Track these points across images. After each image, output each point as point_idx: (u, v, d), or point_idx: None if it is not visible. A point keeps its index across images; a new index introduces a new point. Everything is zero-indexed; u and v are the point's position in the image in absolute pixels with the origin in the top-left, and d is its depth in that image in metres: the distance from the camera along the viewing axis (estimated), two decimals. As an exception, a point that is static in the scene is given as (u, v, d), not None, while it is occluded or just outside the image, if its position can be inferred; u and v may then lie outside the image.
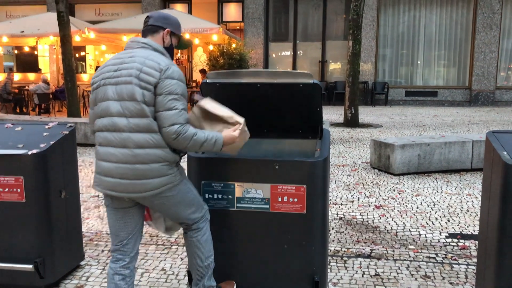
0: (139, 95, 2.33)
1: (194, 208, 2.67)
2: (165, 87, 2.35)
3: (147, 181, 2.39)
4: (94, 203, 5.30)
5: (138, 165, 2.36)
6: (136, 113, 2.34)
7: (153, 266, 3.64)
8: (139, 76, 2.35)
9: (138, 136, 2.35)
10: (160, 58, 2.41)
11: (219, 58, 13.02)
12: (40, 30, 13.00)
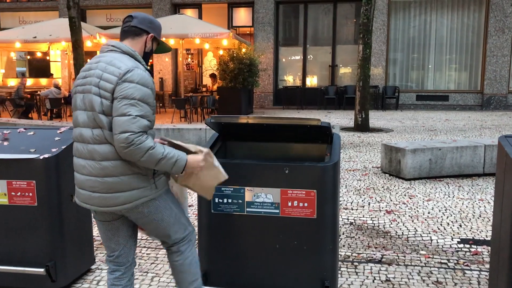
0: (97, 105, 2.18)
1: (175, 227, 2.47)
2: (120, 91, 2.15)
3: (117, 195, 2.23)
4: (105, 207, 5.33)
5: (107, 178, 2.21)
6: (98, 124, 2.20)
7: (163, 271, 3.64)
8: (98, 84, 2.19)
9: (102, 148, 2.20)
10: (124, 61, 2.21)
11: (229, 62, 13.06)
12: (52, 35, 13.14)
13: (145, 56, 2.43)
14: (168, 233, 2.48)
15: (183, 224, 2.55)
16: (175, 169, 2.26)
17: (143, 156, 2.15)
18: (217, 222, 2.96)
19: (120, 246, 2.45)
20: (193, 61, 18.37)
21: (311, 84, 17.50)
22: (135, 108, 2.13)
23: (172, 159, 2.23)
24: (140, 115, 2.14)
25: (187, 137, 8.86)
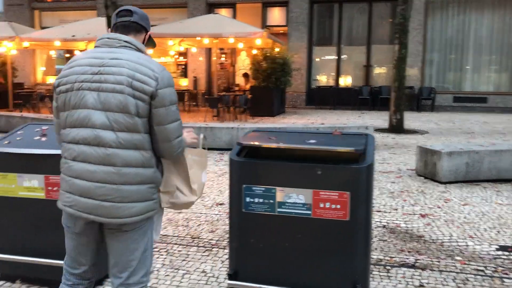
0: (133, 107, 2.01)
1: (145, 264, 2.19)
2: (165, 98, 2.07)
3: (132, 205, 2.06)
4: (137, 204, 5.41)
5: (124, 186, 2.03)
6: (127, 127, 2.02)
7: (194, 268, 3.66)
8: (132, 84, 2.01)
9: (128, 153, 2.03)
10: (152, 63, 2.10)
11: (262, 62, 13.06)
12: (90, 34, 13.45)
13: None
14: (130, 266, 2.15)
15: (148, 266, 2.23)
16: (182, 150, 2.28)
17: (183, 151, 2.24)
18: (248, 221, 2.95)
19: (89, 261, 2.25)
20: (227, 61, 18.47)
21: (344, 84, 17.32)
22: (178, 111, 2.17)
23: (183, 141, 2.27)
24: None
25: (219, 136, 8.90)
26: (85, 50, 17.24)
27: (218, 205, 5.39)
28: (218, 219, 4.87)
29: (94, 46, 2.18)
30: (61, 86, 2.10)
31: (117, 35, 2.15)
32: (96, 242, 2.20)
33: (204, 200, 5.56)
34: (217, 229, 4.58)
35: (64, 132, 2.11)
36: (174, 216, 4.97)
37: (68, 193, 2.09)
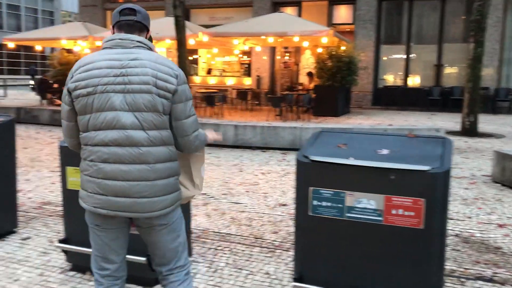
0: (160, 106, 2.08)
1: (185, 248, 2.35)
2: (183, 94, 2.16)
3: (165, 198, 2.16)
4: (202, 201, 5.46)
5: (158, 181, 2.12)
6: (156, 125, 2.09)
7: (257, 269, 3.62)
8: (156, 84, 2.08)
9: (158, 150, 2.11)
10: (168, 61, 2.18)
11: (328, 60, 12.84)
12: (158, 33, 13.82)
13: None
14: (177, 252, 2.30)
15: (185, 252, 2.36)
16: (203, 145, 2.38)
17: (201, 144, 2.33)
18: (315, 225, 2.86)
19: (120, 256, 2.30)
20: (290, 59, 18.36)
21: (413, 84, 16.69)
22: (193, 107, 2.25)
23: (203, 136, 2.36)
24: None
25: (282, 135, 8.84)
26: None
27: (281, 205, 5.32)
28: (281, 220, 4.80)
29: (102, 47, 2.18)
30: (80, 90, 2.10)
31: (128, 36, 2.16)
32: (125, 238, 2.29)
33: (267, 200, 5.51)
34: (280, 230, 4.51)
35: (88, 135, 2.12)
36: (237, 215, 4.96)
37: (99, 194, 2.11)
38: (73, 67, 2.18)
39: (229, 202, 5.45)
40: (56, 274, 3.50)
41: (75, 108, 2.13)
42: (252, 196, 5.71)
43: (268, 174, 6.88)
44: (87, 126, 2.11)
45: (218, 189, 6.02)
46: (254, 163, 7.75)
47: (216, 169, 7.24)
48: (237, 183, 6.34)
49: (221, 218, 4.86)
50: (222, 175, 6.79)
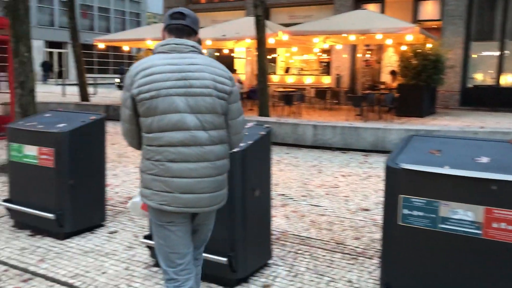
0: (219, 107, 2.25)
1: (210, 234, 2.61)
2: (236, 94, 2.33)
3: (223, 192, 2.35)
4: (281, 202, 5.40)
5: (218, 177, 2.29)
6: (215, 126, 2.25)
7: (339, 276, 3.49)
8: (216, 87, 2.23)
9: (218, 148, 2.27)
10: (220, 64, 2.33)
11: (412, 58, 12.28)
12: (239, 33, 13.99)
13: None
14: (207, 237, 2.58)
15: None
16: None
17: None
18: (404, 235, 2.69)
19: (190, 249, 2.39)
20: (372, 57, 17.81)
21: (506, 83, 15.52)
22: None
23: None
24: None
25: (363, 136, 8.57)
26: (232, 49, 18.11)
27: (363, 210, 5.13)
28: (364, 226, 4.63)
29: (157, 52, 2.27)
30: (143, 94, 2.18)
31: (183, 41, 2.28)
32: (190, 231, 2.40)
33: (348, 204, 5.34)
34: (363, 236, 4.34)
35: (152, 136, 2.20)
36: (317, 218, 4.85)
37: (166, 192, 2.21)
38: (131, 72, 2.24)
39: (308, 204, 5.35)
40: (140, 269, 3.60)
41: (139, 111, 2.22)
42: (332, 199, 5.56)
43: (349, 177, 6.68)
44: (151, 127, 2.20)
45: (297, 190, 5.93)
46: (334, 164, 7.57)
47: (294, 169, 7.16)
48: (316, 185, 6.22)
49: (301, 220, 4.77)
50: (301, 176, 6.69)
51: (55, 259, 3.76)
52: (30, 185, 4.28)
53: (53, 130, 4.10)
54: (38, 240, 4.18)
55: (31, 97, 6.67)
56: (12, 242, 4.12)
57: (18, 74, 6.57)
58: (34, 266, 3.63)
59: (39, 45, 35.05)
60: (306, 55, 19.13)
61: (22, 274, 3.48)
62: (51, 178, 4.13)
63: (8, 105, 10.23)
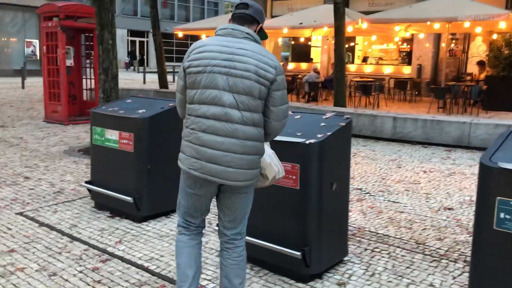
0: (257, 91, 2.37)
1: (246, 219, 2.65)
2: (281, 83, 2.43)
3: (249, 171, 2.44)
4: (357, 196, 5.20)
5: (245, 156, 2.40)
6: (250, 108, 2.38)
7: (420, 279, 3.27)
8: (257, 72, 2.36)
9: (249, 129, 2.39)
10: (269, 54, 2.45)
11: (504, 48, 11.39)
12: (316, 21, 13.70)
13: None
14: (243, 218, 2.62)
15: (244, 222, 2.66)
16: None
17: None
18: (500, 241, 2.44)
19: (203, 216, 2.67)
20: (458, 47, 16.78)
21: None
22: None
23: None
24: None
25: (447, 131, 8.07)
26: (309, 37, 17.80)
27: (446, 209, 4.80)
28: (446, 226, 4.32)
29: (216, 34, 2.51)
30: (192, 68, 2.43)
31: (240, 27, 2.47)
32: (210, 199, 2.59)
33: (430, 202, 5.03)
34: (446, 237, 4.05)
35: (193, 107, 2.44)
36: (395, 215, 4.60)
37: (195, 158, 2.42)
38: (190, 48, 2.51)
39: (386, 200, 5.09)
40: (213, 256, 3.59)
41: (187, 82, 2.47)
42: (412, 195, 5.26)
43: (431, 173, 6.30)
44: (193, 99, 2.44)
45: (374, 185, 5.68)
46: (414, 159, 7.18)
47: (372, 163, 6.88)
48: (395, 180, 5.93)
49: (378, 217, 4.55)
50: (378, 171, 6.41)
51: (132, 242, 3.84)
52: (110, 168, 4.41)
53: (133, 115, 4.19)
54: (116, 221, 4.31)
55: (114, 83, 6.91)
56: (93, 223, 4.28)
57: (102, 60, 6.83)
58: (112, 247, 3.74)
59: (123, 34, 36.68)
60: (385, 44, 18.42)
61: (101, 255, 3.59)
62: (130, 162, 4.22)
63: (93, 90, 10.77)
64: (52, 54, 10.23)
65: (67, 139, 8.35)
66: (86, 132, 9.07)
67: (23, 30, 27.10)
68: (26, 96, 15.87)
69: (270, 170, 2.60)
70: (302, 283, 3.18)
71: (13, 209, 4.60)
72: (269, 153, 2.64)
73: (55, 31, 9.93)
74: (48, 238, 3.89)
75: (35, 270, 3.31)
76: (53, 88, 10.37)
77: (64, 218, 4.38)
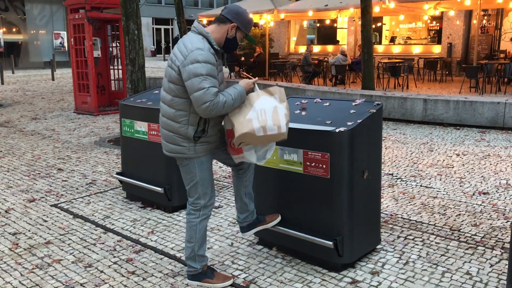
0: (169, 76, 2.76)
1: (191, 190, 2.90)
2: (188, 71, 2.62)
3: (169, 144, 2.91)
4: (388, 182, 5.11)
5: (164, 131, 2.88)
6: (168, 90, 2.79)
7: (456, 267, 3.19)
8: (171, 58, 2.74)
9: (167, 109, 2.82)
10: (193, 42, 2.66)
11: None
12: (342, 3, 13.45)
13: (228, 42, 2.80)
14: (188, 190, 2.93)
15: (198, 193, 2.90)
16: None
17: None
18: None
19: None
20: (490, 23, 16.22)
21: None
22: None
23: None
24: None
25: (480, 111, 7.83)
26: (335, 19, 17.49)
27: (482, 194, 4.67)
28: (482, 211, 4.21)
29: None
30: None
31: (194, 24, 2.81)
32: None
33: (464, 187, 4.90)
34: (481, 223, 3.95)
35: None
36: (428, 201, 4.51)
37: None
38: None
39: (418, 185, 4.99)
40: (244, 246, 3.60)
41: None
42: (445, 180, 5.14)
43: (464, 156, 6.14)
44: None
45: (406, 170, 5.58)
46: (447, 142, 7.01)
47: (403, 147, 6.75)
48: (427, 164, 5.80)
49: (410, 203, 4.47)
50: (410, 155, 6.29)
51: (164, 232, 3.89)
52: (141, 159, 4.45)
53: (161, 106, 4.20)
54: (148, 212, 4.36)
55: (141, 73, 6.95)
56: (125, 213, 4.34)
57: (129, 51, 6.87)
58: (144, 238, 3.79)
59: (148, 23, 36.88)
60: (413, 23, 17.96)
61: (134, 246, 3.64)
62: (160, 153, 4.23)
63: (121, 80, 10.88)
64: (80, 46, 10.36)
65: (97, 130, 8.49)
66: (115, 123, 9.19)
67: (51, 22, 27.56)
68: (56, 87, 16.19)
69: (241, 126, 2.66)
70: (335, 272, 3.15)
71: (48, 201, 4.71)
72: (258, 108, 2.70)
73: (82, 22, 10.04)
74: (83, 230, 3.97)
75: (71, 261, 3.38)
76: (82, 79, 10.53)
77: (97, 209, 4.46)
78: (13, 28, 26.70)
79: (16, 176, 5.60)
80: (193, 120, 2.75)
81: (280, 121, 2.70)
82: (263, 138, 2.71)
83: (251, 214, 3.21)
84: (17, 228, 4.03)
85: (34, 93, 14.42)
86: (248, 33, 2.88)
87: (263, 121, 2.67)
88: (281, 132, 2.71)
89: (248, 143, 2.77)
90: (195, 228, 2.92)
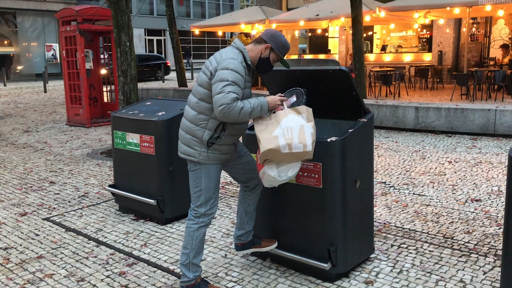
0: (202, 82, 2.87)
1: (194, 196, 2.97)
2: (219, 76, 2.72)
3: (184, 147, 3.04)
4: (381, 190, 5.12)
5: (183, 133, 3.01)
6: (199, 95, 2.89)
7: (449, 275, 3.20)
8: (205, 64, 2.89)
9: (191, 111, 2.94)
10: (228, 53, 2.81)
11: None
12: (333, 12, 13.54)
13: (261, 61, 2.90)
14: (193, 197, 2.99)
15: (200, 201, 2.96)
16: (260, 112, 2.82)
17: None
18: (532, 236, 2.35)
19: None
20: (479, 31, 16.40)
21: None
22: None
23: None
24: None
25: (471, 119, 7.89)
26: (326, 28, 17.61)
27: (474, 201, 4.69)
28: (475, 219, 4.22)
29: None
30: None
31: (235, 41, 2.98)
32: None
33: (456, 194, 4.92)
34: (474, 230, 3.96)
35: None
36: (421, 208, 4.52)
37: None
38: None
39: (411, 193, 5.01)
40: (238, 257, 3.58)
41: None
42: (438, 187, 5.16)
43: (456, 163, 6.17)
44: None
45: (398, 178, 5.59)
46: (439, 149, 7.05)
47: (395, 155, 6.77)
48: (419, 172, 5.82)
49: (403, 211, 4.48)
50: (402, 163, 6.31)
51: (157, 244, 3.86)
52: (133, 171, 4.43)
53: (153, 118, 4.20)
54: (141, 224, 4.34)
55: (133, 85, 6.95)
56: (118, 226, 4.31)
57: (121, 63, 6.87)
58: (137, 250, 3.76)
59: (140, 34, 36.93)
60: (404, 31, 18.11)
61: (127, 259, 3.62)
62: (152, 165, 4.24)
63: (113, 92, 10.87)
64: (71, 58, 10.35)
65: (89, 142, 8.46)
66: (107, 134, 9.16)
67: (43, 34, 27.55)
68: (48, 100, 16.14)
69: (267, 143, 2.68)
70: (329, 282, 3.14)
71: (40, 214, 4.68)
72: (285, 126, 2.70)
73: (73, 35, 10.04)
74: (75, 243, 3.94)
75: (64, 276, 3.35)
76: (74, 91, 10.50)
77: (89, 222, 4.43)
78: (5, 41, 26.67)
79: (7, 190, 5.55)
80: (212, 125, 2.84)
81: (306, 140, 2.70)
82: (288, 155, 2.71)
83: (247, 233, 3.24)
84: (8, 242, 3.99)
85: (26, 106, 14.36)
86: (283, 56, 2.96)
87: (289, 138, 2.69)
88: (307, 151, 2.71)
89: (273, 160, 2.76)
90: (192, 234, 2.96)
